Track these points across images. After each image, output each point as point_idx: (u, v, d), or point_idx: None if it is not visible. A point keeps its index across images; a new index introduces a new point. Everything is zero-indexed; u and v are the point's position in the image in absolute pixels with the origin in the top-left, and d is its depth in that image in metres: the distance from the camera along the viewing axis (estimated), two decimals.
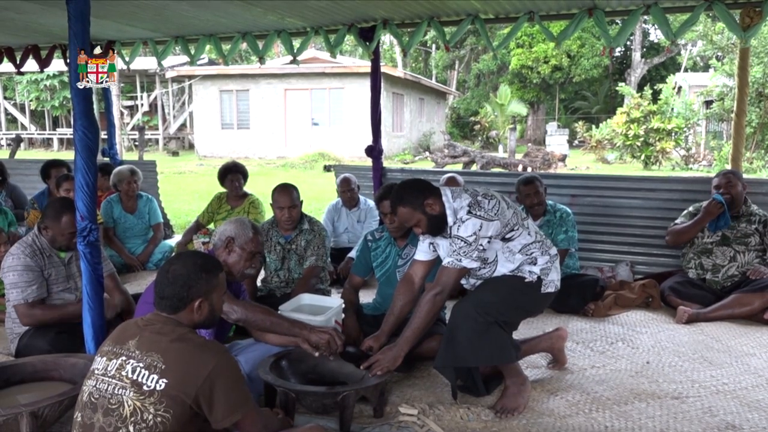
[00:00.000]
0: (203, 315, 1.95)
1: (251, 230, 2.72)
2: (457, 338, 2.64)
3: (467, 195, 2.69)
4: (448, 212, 2.67)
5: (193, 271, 1.94)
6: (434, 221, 2.67)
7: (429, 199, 2.67)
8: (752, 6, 4.13)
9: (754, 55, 14.56)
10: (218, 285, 2.00)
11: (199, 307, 1.93)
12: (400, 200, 2.71)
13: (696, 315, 3.87)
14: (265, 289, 3.82)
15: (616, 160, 18.44)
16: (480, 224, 2.59)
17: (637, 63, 26.94)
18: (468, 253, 2.60)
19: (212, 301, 1.98)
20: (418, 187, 2.72)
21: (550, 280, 2.77)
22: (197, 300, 1.92)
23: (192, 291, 1.91)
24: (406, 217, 2.71)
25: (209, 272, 1.97)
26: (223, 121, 21.06)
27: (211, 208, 5.40)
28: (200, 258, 2.03)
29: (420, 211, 2.67)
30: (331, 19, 4.85)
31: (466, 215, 2.61)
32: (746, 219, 4.12)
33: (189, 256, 2.03)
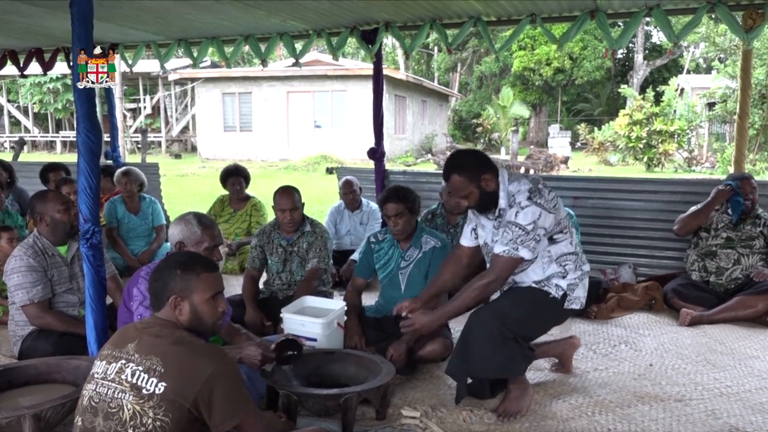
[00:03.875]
0: (185, 315, 1.89)
1: (198, 226, 2.56)
2: (472, 348, 2.59)
3: (527, 181, 2.57)
4: (501, 193, 2.56)
5: (169, 267, 1.92)
6: (485, 198, 2.56)
7: (487, 174, 2.55)
8: (755, 8, 4.13)
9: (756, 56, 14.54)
10: (199, 286, 1.90)
11: (176, 306, 1.88)
12: (456, 168, 2.56)
13: (699, 317, 3.86)
14: (267, 291, 3.82)
15: (619, 162, 18.42)
16: (539, 213, 2.48)
17: (639, 65, 26.91)
18: (525, 243, 2.49)
19: (193, 303, 1.89)
20: (478, 159, 2.60)
21: (576, 297, 2.68)
22: (171, 297, 1.88)
23: (166, 288, 1.89)
24: (458, 187, 2.57)
25: (186, 270, 1.91)
26: (225, 123, 21.09)
27: (213, 211, 5.42)
28: (184, 256, 2.01)
29: (475, 184, 2.54)
30: (333, 21, 4.86)
31: (526, 201, 2.49)
32: (752, 222, 4.11)
33: (174, 254, 2.02)
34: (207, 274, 1.94)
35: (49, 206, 3.12)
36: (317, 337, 2.98)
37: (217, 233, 2.62)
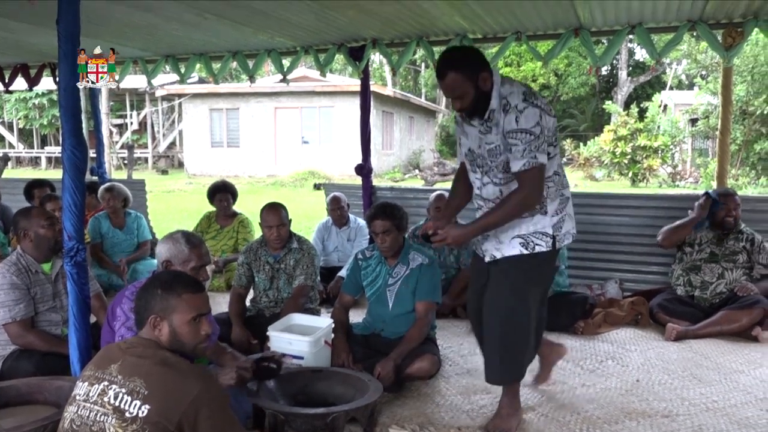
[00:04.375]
0: (164, 336, 1.86)
1: (186, 245, 2.52)
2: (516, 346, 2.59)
3: (517, 83, 2.46)
4: (493, 93, 2.41)
5: (152, 286, 1.91)
6: (480, 99, 2.41)
7: (485, 72, 2.39)
8: (734, 26, 4.22)
9: (737, 73, 14.81)
10: (179, 307, 1.87)
11: (155, 326, 1.86)
12: (454, 65, 2.39)
13: (685, 332, 3.88)
14: (254, 309, 3.79)
15: (604, 177, 18.59)
16: (539, 114, 2.35)
17: (623, 81, 27.30)
18: (539, 147, 2.34)
19: (172, 324, 1.86)
20: (477, 57, 2.43)
21: (566, 232, 2.57)
22: (151, 317, 1.86)
23: (148, 307, 1.87)
24: (454, 85, 2.39)
25: (167, 290, 1.88)
26: (212, 139, 21.06)
27: (200, 228, 5.38)
28: (168, 276, 2.00)
29: (472, 83, 2.38)
30: (320, 38, 4.89)
31: (522, 103, 2.35)
32: (734, 236, 4.16)
33: (161, 273, 2.01)
34: (189, 295, 1.90)
35: (33, 222, 3.09)
36: (304, 355, 2.96)
37: (205, 252, 2.59)
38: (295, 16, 4.10)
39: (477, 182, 2.61)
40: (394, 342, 3.19)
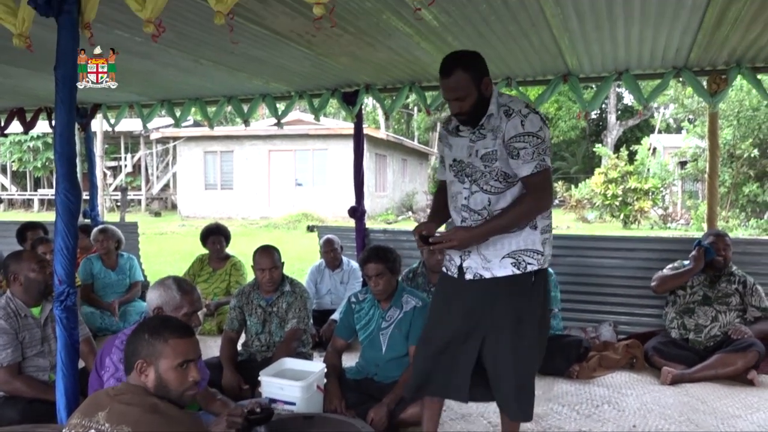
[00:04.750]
0: (150, 382, 1.83)
1: (177, 291, 2.48)
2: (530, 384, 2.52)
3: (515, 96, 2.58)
4: (492, 99, 2.41)
5: (140, 331, 1.89)
6: (479, 104, 2.39)
7: (487, 78, 2.40)
8: (718, 73, 4.34)
9: (723, 118, 15.11)
10: (165, 352, 1.84)
11: (141, 371, 1.83)
12: (462, 64, 2.36)
13: (680, 376, 3.85)
14: (246, 353, 3.74)
15: (596, 219, 18.71)
16: (542, 121, 2.37)
17: (612, 125, 27.77)
18: (546, 151, 2.35)
19: (158, 369, 1.83)
20: (482, 62, 2.43)
21: (549, 254, 2.49)
22: (138, 362, 1.83)
23: (135, 352, 1.85)
24: (459, 85, 2.35)
25: (154, 335, 1.86)
26: (206, 181, 21.14)
27: (192, 270, 5.36)
28: (156, 321, 1.98)
29: (476, 85, 2.36)
30: (315, 84, 4.98)
31: (525, 109, 2.37)
32: (726, 279, 4.17)
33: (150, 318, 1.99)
34: (176, 340, 1.87)
35: (23, 265, 3.07)
36: (296, 401, 2.92)
37: (197, 298, 2.56)
38: (291, 62, 4.19)
39: (464, 192, 2.46)
40: (388, 387, 3.15)
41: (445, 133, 2.59)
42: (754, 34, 3.54)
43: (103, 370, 2.47)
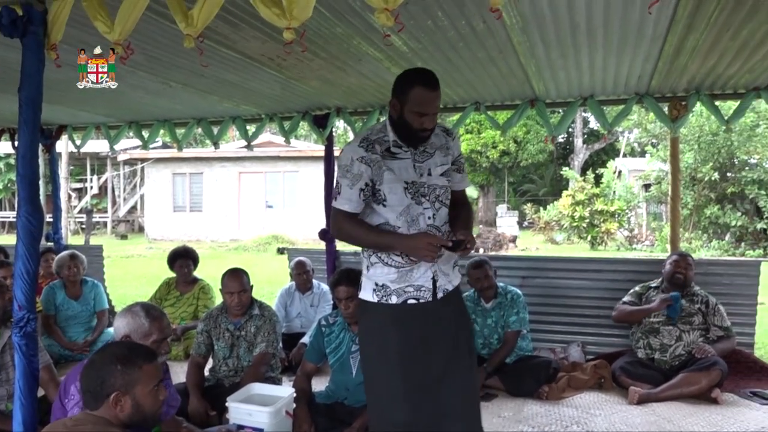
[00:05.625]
0: (126, 411, 1.80)
1: (146, 318, 2.44)
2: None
3: None
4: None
5: (107, 363, 1.83)
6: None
7: None
8: (678, 100, 4.49)
9: (684, 142, 15.58)
10: (142, 378, 1.83)
11: (117, 403, 1.79)
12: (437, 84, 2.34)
13: (647, 395, 3.90)
14: (213, 378, 3.67)
15: (564, 240, 18.99)
16: None
17: (579, 148, 28.36)
18: None
19: (135, 397, 1.81)
20: None
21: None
22: (113, 394, 1.79)
23: (106, 385, 1.79)
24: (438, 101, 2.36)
25: (127, 364, 1.83)
26: (175, 203, 20.87)
27: (159, 294, 5.26)
28: (121, 348, 1.93)
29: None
30: (285, 106, 5.00)
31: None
32: (689, 299, 4.27)
33: (111, 347, 1.93)
34: (149, 365, 1.87)
35: None
36: (264, 427, 2.87)
37: (166, 325, 2.51)
38: (261, 85, 4.20)
39: (427, 212, 2.35)
40: (358, 410, 3.12)
41: (377, 158, 2.29)
42: (712, 63, 3.68)
43: (68, 398, 2.40)
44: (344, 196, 2.29)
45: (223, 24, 2.89)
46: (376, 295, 2.32)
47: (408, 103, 2.26)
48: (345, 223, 2.31)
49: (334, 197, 2.32)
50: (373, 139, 2.32)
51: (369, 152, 2.29)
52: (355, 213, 2.30)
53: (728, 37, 3.17)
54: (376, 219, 2.34)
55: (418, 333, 2.31)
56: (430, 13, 2.82)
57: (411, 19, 2.87)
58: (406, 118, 2.28)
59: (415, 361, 2.30)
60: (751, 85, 4.20)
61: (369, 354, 2.39)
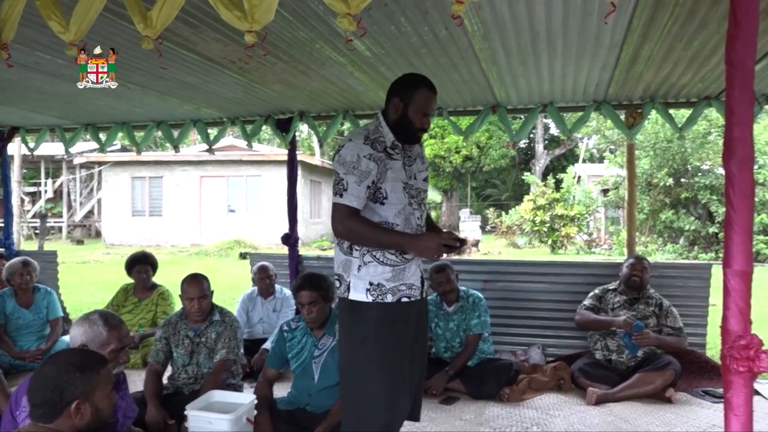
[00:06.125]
0: (85, 419, 1.76)
1: (104, 327, 2.37)
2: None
3: None
4: None
5: (65, 371, 1.77)
6: None
7: None
8: (634, 107, 4.62)
9: (641, 149, 16.01)
10: (100, 383, 1.82)
11: (77, 411, 1.74)
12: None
13: (604, 396, 3.99)
14: (172, 386, 3.59)
15: (526, 244, 19.29)
16: None
17: (540, 154, 28.89)
18: None
19: (94, 402, 1.79)
20: None
21: None
22: (74, 403, 1.74)
23: (66, 394, 1.74)
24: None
25: (85, 371, 1.79)
26: (134, 208, 20.42)
27: (116, 301, 5.13)
28: (74, 355, 1.88)
29: None
30: (247, 110, 4.95)
31: None
32: (645, 302, 4.38)
33: (62, 355, 1.87)
34: (105, 369, 1.86)
35: None
36: None
37: (125, 333, 2.44)
38: (223, 89, 4.15)
39: (417, 213, 2.47)
40: (320, 416, 3.11)
41: (382, 156, 2.35)
42: (666, 72, 3.79)
43: (18, 410, 2.31)
44: (352, 192, 2.28)
45: (183, 26, 2.85)
46: (370, 295, 2.33)
47: (413, 103, 2.39)
48: (351, 219, 2.29)
49: (339, 193, 2.30)
50: (372, 138, 2.37)
51: (375, 150, 2.34)
52: (359, 210, 2.31)
53: (681, 47, 3.28)
54: (373, 218, 2.36)
55: (411, 331, 2.42)
56: (393, 19, 2.84)
57: (374, 24, 2.89)
58: (410, 117, 2.40)
59: (406, 359, 2.39)
60: (702, 94, 4.35)
61: (361, 354, 2.34)
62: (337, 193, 2.30)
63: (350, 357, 2.38)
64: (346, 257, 2.38)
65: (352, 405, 2.37)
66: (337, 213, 2.31)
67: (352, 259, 2.36)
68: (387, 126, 2.41)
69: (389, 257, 2.34)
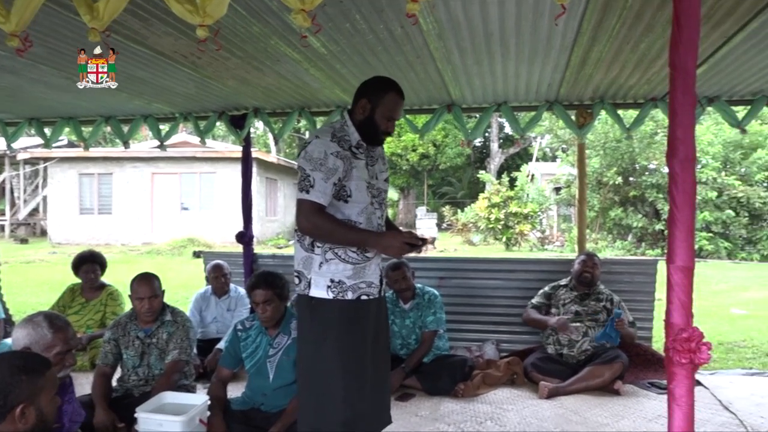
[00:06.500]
0: (29, 423, 1.71)
1: (48, 329, 2.29)
2: None
3: None
4: None
5: (9, 375, 1.72)
6: None
7: None
8: (584, 108, 4.73)
9: (591, 148, 16.45)
10: (45, 386, 1.77)
11: (22, 416, 1.69)
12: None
13: (556, 389, 4.09)
14: (122, 389, 3.50)
15: (481, 242, 19.57)
16: None
17: (495, 152, 29.32)
18: None
19: (39, 406, 1.74)
20: None
21: None
22: (18, 407, 1.69)
23: (10, 398, 1.69)
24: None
25: (30, 373, 1.75)
26: (82, 205, 19.75)
27: (62, 302, 4.95)
28: (18, 358, 1.82)
29: None
30: (200, 106, 4.85)
31: None
32: (595, 297, 4.51)
33: (5, 358, 1.80)
34: (49, 372, 1.81)
35: None
36: None
37: (71, 335, 2.36)
38: (175, 83, 4.05)
39: (378, 212, 2.50)
40: (275, 416, 3.08)
41: (348, 155, 2.36)
42: (614, 74, 3.90)
43: None
44: (318, 189, 2.27)
45: (132, 18, 2.77)
46: (331, 292, 2.32)
47: (381, 106, 2.42)
48: (317, 216, 2.28)
49: (305, 190, 2.28)
50: (339, 136, 2.37)
51: (341, 148, 2.35)
52: (325, 207, 2.31)
53: (628, 50, 3.38)
54: (336, 215, 2.35)
55: (371, 328, 2.42)
56: (348, 16, 2.83)
57: (329, 21, 2.87)
58: (376, 119, 2.42)
59: (366, 357, 2.39)
60: (649, 96, 4.49)
61: (321, 351, 2.32)
62: (303, 189, 2.29)
63: (310, 354, 2.37)
64: (308, 254, 2.36)
65: (311, 402, 2.35)
66: (302, 209, 2.30)
67: (314, 256, 2.35)
68: (353, 125, 2.43)
69: (351, 255, 2.34)
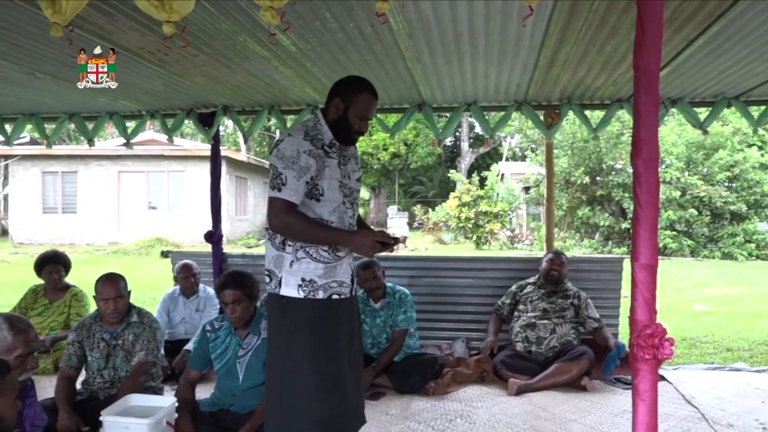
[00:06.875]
0: None
1: (9, 331, 2.26)
2: None
3: None
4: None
5: None
6: None
7: None
8: (552, 108, 4.80)
9: (559, 148, 16.70)
10: (4, 391, 1.75)
11: None
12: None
13: (524, 386, 4.14)
14: (87, 391, 3.42)
15: (452, 240, 19.70)
16: None
17: (465, 152, 29.55)
18: None
19: None
20: None
21: None
22: None
23: None
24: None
25: None
26: (45, 204, 19.27)
27: (24, 303, 4.83)
28: None
29: None
30: (168, 103, 4.77)
31: None
32: (562, 294, 4.58)
33: None
34: (9, 375, 1.77)
35: None
36: None
37: (33, 338, 2.30)
38: (141, 80, 3.98)
39: (349, 212, 2.50)
40: (245, 417, 3.05)
41: (320, 153, 2.34)
42: (581, 75, 3.96)
43: None
44: (291, 188, 2.26)
45: (96, 13, 2.71)
46: (302, 291, 2.31)
47: (354, 106, 2.41)
48: (289, 214, 2.26)
49: (277, 188, 2.26)
50: (312, 135, 2.36)
51: (314, 146, 2.33)
52: (297, 205, 2.29)
53: (595, 52, 3.44)
54: (307, 214, 2.34)
55: (342, 328, 2.41)
56: (318, 14, 2.81)
57: (299, 19, 2.85)
58: (349, 119, 2.42)
59: (342, 357, 2.38)
60: (615, 97, 4.58)
61: (292, 350, 2.29)
62: (275, 187, 2.27)
63: (280, 353, 2.35)
64: (279, 252, 2.35)
65: (280, 402, 2.33)
66: (274, 207, 2.28)
67: (285, 255, 2.33)
68: (326, 124, 2.42)
69: (322, 254, 2.33)
